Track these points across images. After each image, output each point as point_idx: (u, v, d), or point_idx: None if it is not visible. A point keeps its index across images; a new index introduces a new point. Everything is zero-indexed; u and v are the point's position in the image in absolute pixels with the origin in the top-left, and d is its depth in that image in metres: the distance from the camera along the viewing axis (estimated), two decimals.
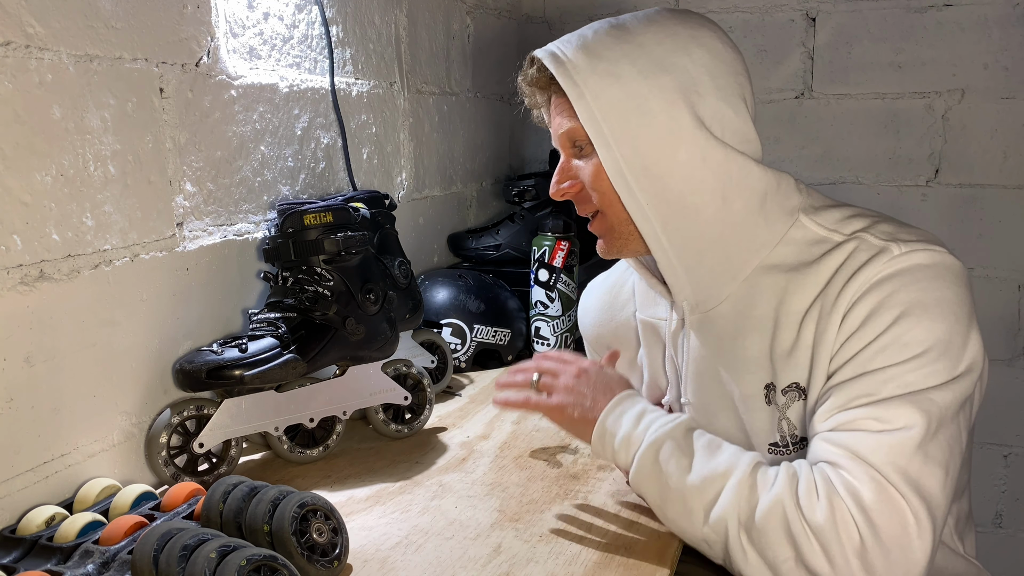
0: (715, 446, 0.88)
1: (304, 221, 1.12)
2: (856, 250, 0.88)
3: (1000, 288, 1.94)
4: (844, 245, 0.89)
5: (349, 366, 1.17)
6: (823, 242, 0.91)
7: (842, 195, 2.00)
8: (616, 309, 1.15)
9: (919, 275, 0.84)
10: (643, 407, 0.93)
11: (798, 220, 0.93)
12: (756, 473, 0.84)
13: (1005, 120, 1.87)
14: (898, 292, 0.83)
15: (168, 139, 1.06)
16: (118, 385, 1.01)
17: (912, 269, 0.84)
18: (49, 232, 0.91)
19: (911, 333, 0.81)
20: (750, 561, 0.81)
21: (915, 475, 0.77)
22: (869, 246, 0.88)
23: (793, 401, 0.91)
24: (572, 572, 0.85)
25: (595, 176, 0.93)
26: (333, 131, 1.41)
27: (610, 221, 0.96)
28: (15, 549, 0.82)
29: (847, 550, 0.77)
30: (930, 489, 0.78)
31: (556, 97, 0.95)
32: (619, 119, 0.89)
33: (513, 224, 1.82)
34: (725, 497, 0.83)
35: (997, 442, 2.00)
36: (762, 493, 0.82)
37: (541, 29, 2.20)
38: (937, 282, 0.84)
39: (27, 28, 0.87)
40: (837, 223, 0.92)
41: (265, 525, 0.80)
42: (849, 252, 0.88)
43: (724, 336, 0.95)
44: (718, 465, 0.85)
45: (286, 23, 1.28)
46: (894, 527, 0.76)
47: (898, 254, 0.85)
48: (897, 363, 0.81)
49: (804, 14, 1.98)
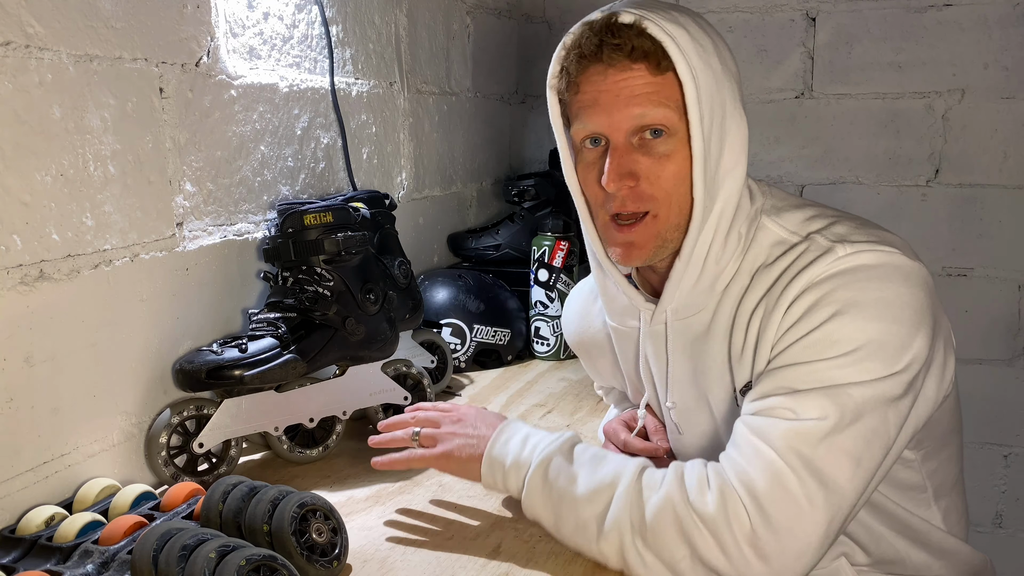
0: (599, 457, 0.86)
1: (304, 221, 1.12)
2: (805, 251, 0.86)
3: (1000, 288, 1.94)
4: (797, 246, 0.88)
5: (349, 366, 1.17)
6: (781, 243, 0.89)
7: (842, 195, 2.01)
8: (593, 315, 1.13)
9: (861, 275, 0.83)
10: (527, 431, 0.91)
11: (760, 222, 0.91)
12: (642, 477, 0.83)
13: (1005, 120, 1.87)
14: (836, 290, 0.82)
15: (168, 139, 1.06)
16: (118, 385, 1.01)
17: (855, 269, 0.83)
18: (49, 232, 0.91)
19: (842, 331, 0.80)
20: (648, 565, 0.79)
21: (817, 462, 0.77)
22: (817, 247, 0.86)
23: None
24: (571, 572, 0.85)
25: (672, 173, 0.85)
26: (333, 131, 1.41)
27: (660, 225, 0.88)
28: (15, 549, 0.82)
29: (738, 537, 0.76)
30: (832, 476, 0.77)
31: (645, 73, 0.84)
32: (708, 113, 0.83)
33: (513, 224, 1.82)
34: (615, 505, 0.81)
35: (997, 442, 2.00)
36: (650, 495, 0.80)
37: (541, 29, 2.20)
38: (879, 283, 0.82)
39: (27, 28, 0.87)
40: (797, 224, 0.90)
41: (265, 525, 0.80)
42: (799, 253, 0.87)
43: (697, 342, 0.94)
44: (605, 475, 0.83)
45: (286, 23, 1.28)
46: (785, 510, 0.76)
47: (843, 255, 0.84)
48: (822, 359, 0.80)
49: (804, 14, 1.98)
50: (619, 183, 0.86)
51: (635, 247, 0.89)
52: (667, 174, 0.85)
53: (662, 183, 0.86)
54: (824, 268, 0.84)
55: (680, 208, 0.87)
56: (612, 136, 0.86)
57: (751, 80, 2.01)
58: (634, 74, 0.84)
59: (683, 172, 0.85)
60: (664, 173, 0.85)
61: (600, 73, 0.86)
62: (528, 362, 1.61)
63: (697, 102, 0.82)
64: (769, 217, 0.91)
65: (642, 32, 0.83)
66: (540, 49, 2.23)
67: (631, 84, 0.84)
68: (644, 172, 0.86)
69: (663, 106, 0.84)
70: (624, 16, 0.84)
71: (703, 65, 0.83)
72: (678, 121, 0.84)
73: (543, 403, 1.37)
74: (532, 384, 1.47)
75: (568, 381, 1.49)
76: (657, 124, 0.84)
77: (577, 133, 0.90)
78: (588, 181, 0.91)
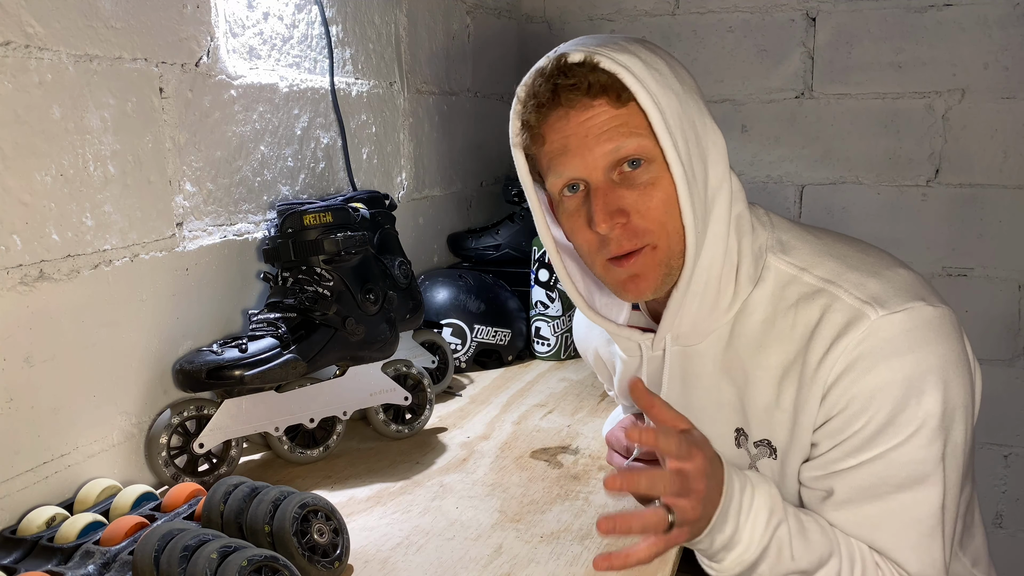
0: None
1: (304, 221, 1.12)
2: (830, 309, 0.84)
3: (1000, 288, 1.94)
4: (817, 298, 0.85)
5: (349, 366, 1.17)
6: (795, 282, 0.87)
7: (842, 195, 2.01)
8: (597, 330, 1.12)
9: (900, 345, 0.81)
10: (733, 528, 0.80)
11: (767, 261, 0.89)
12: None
13: (1005, 120, 1.87)
14: (880, 370, 0.81)
15: (168, 139, 1.06)
16: (118, 385, 1.01)
17: (893, 339, 0.81)
18: (49, 232, 0.90)
19: (904, 414, 0.80)
20: None
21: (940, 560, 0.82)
22: (844, 306, 0.83)
23: (763, 456, 0.90)
24: (573, 573, 0.85)
25: (659, 202, 0.82)
26: (333, 131, 1.41)
27: (661, 255, 0.84)
28: (16, 550, 0.82)
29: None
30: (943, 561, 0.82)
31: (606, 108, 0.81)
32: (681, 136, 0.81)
33: (513, 224, 1.82)
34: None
35: (997, 442, 2.00)
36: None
37: (541, 29, 2.20)
38: (919, 350, 0.81)
39: (27, 28, 0.87)
40: (807, 261, 0.88)
41: (266, 526, 0.80)
42: (823, 309, 0.84)
43: (701, 375, 0.93)
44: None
45: (286, 23, 1.28)
46: None
47: (875, 319, 0.81)
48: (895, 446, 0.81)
49: (804, 14, 1.98)
50: (610, 222, 0.82)
51: (640, 278, 0.86)
52: (655, 203, 0.82)
53: (652, 213, 0.83)
54: (859, 338, 0.81)
55: (677, 235, 0.84)
56: (591, 177, 0.83)
57: (751, 80, 2.02)
58: (596, 111, 0.82)
59: (671, 198, 0.82)
60: (652, 203, 0.82)
61: (562, 118, 0.83)
62: (528, 362, 1.60)
63: (666, 127, 0.80)
64: (775, 255, 0.89)
65: (595, 67, 0.81)
66: (540, 49, 2.22)
67: (596, 121, 0.82)
68: (632, 206, 0.83)
69: (635, 136, 0.81)
70: (574, 55, 0.82)
71: (663, 89, 0.81)
72: (653, 148, 0.82)
73: (544, 403, 1.37)
74: (533, 384, 1.47)
75: (569, 381, 1.49)
76: (633, 154, 0.82)
77: (554, 185, 0.86)
78: (575, 230, 0.87)
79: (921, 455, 0.81)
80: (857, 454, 0.83)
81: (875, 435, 0.81)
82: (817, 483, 0.86)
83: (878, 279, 0.85)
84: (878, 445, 0.81)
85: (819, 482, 0.86)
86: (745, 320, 0.89)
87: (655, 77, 0.81)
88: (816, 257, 0.88)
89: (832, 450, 0.84)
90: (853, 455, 0.83)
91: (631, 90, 0.80)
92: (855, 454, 0.83)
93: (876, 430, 0.81)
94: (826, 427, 0.84)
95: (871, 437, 0.82)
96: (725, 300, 0.89)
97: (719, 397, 0.92)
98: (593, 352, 1.16)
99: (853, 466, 0.83)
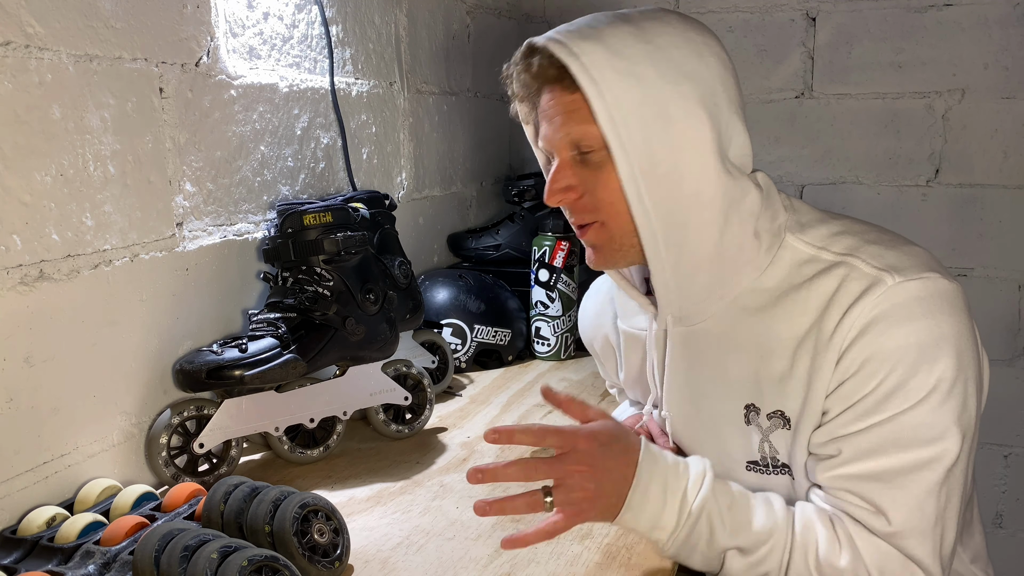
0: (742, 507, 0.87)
1: (304, 221, 1.12)
2: (847, 278, 0.85)
3: (1000, 288, 1.94)
4: (835, 269, 0.86)
5: (349, 366, 1.17)
6: (813, 261, 0.88)
7: (842, 195, 2.01)
8: (606, 316, 1.13)
9: (915, 310, 0.82)
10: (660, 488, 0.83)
11: (785, 240, 0.90)
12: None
13: (1005, 120, 1.87)
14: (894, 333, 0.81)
15: (168, 139, 1.06)
16: (118, 385, 1.01)
17: (908, 304, 0.82)
18: (49, 232, 0.90)
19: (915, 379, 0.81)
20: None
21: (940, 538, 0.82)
22: (861, 275, 0.84)
23: (777, 428, 0.89)
24: (573, 573, 0.85)
25: (605, 184, 0.86)
26: (333, 131, 1.41)
27: (611, 232, 0.89)
28: (16, 550, 0.82)
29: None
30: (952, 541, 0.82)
31: (560, 94, 0.87)
32: (639, 124, 0.83)
33: (513, 224, 1.82)
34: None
35: (997, 442, 2.00)
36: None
37: (541, 29, 2.19)
38: (934, 317, 0.82)
39: (27, 28, 0.87)
40: (825, 240, 0.89)
41: (266, 526, 0.80)
42: (841, 279, 0.85)
43: (706, 353, 0.93)
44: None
45: (286, 23, 1.28)
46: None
47: (892, 285, 0.83)
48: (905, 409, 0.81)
49: (804, 14, 1.98)
50: (556, 197, 0.89)
51: (595, 250, 0.92)
52: (602, 185, 0.87)
53: (599, 193, 0.87)
54: (875, 303, 0.82)
55: (627, 216, 0.86)
56: (557, 154, 0.89)
57: (751, 80, 2.01)
58: (554, 96, 0.88)
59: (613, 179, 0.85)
60: (599, 184, 0.87)
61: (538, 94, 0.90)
62: (528, 362, 1.61)
63: (608, 114, 0.82)
64: (793, 234, 0.90)
65: (550, 55, 0.85)
66: None
67: (555, 104, 0.88)
68: (582, 184, 0.88)
69: (584, 123, 0.85)
70: (539, 40, 0.87)
71: (620, 77, 0.82)
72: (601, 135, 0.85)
73: (544, 403, 1.37)
74: (533, 384, 1.47)
75: (569, 381, 1.49)
76: (578, 140, 0.86)
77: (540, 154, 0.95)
78: None
79: (930, 419, 0.80)
80: (867, 417, 0.82)
81: (886, 398, 0.81)
82: (824, 448, 0.85)
83: (896, 251, 0.87)
84: (888, 408, 0.81)
85: (826, 447, 0.85)
86: (757, 297, 0.90)
87: (615, 64, 0.83)
88: (834, 236, 0.90)
89: (842, 414, 0.84)
90: (863, 418, 0.82)
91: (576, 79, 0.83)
92: (864, 417, 0.82)
93: (887, 393, 0.81)
94: (839, 391, 0.84)
95: (882, 400, 0.81)
96: (728, 281, 0.89)
97: (727, 374, 0.92)
98: (602, 338, 1.16)
99: (862, 429, 0.82)
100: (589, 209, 0.89)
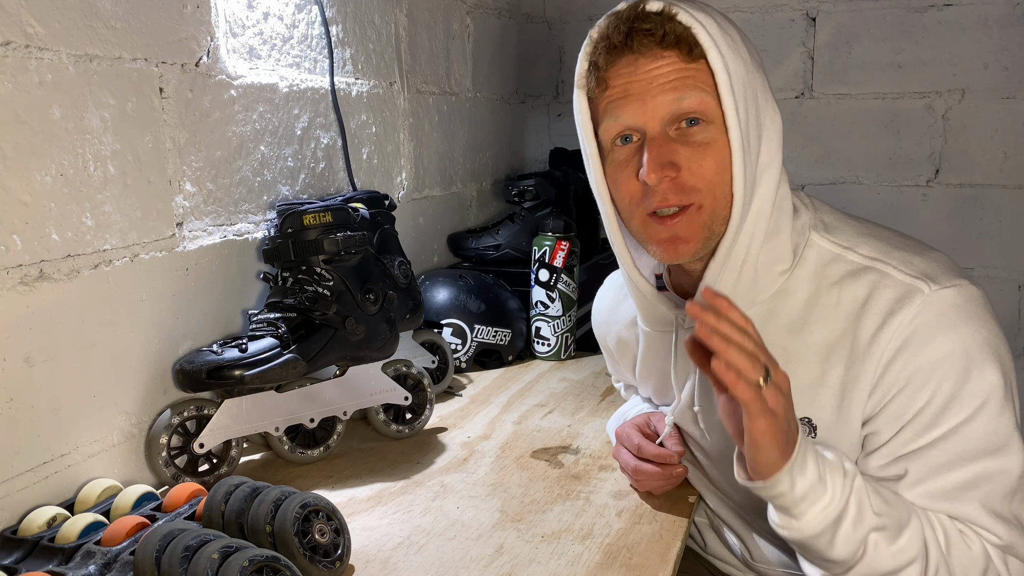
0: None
1: (304, 221, 1.12)
2: (880, 285, 0.83)
3: (1000, 288, 1.94)
4: (864, 275, 0.85)
5: (349, 366, 1.17)
6: (838, 260, 0.87)
7: (842, 195, 2.01)
8: (622, 312, 1.11)
9: (954, 318, 0.81)
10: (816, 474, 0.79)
11: (810, 239, 0.89)
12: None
13: (1005, 120, 1.87)
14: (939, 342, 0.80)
15: (168, 139, 1.06)
16: (118, 385, 1.01)
17: (947, 312, 0.81)
18: (49, 232, 0.90)
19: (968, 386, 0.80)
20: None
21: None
22: (894, 282, 0.83)
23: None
24: (574, 572, 0.85)
25: (713, 162, 0.81)
26: (333, 131, 1.41)
27: (704, 216, 0.83)
28: (17, 550, 0.82)
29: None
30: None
31: (676, 60, 0.81)
32: (743, 103, 0.81)
33: (513, 224, 1.82)
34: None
35: None
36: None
37: (541, 29, 2.20)
38: (973, 323, 0.81)
39: (27, 28, 0.87)
40: (851, 240, 0.88)
41: (267, 526, 0.80)
42: (872, 285, 0.84)
43: None
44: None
45: (286, 23, 1.28)
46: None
47: (929, 293, 0.81)
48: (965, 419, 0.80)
49: (804, 14, 1.98)
50: (659, 173, 0.81)
51: (680, 241, 0.84)
52: (708, 163, 0.82)
53: (704, 172, 0.82)
54: (914, 313, 0.81)
55: (724, 200, 0.83)
56: (648, 126, 0.83)
57: None
58: (666, 62, 0.81)
59: (724, 162, 0.82)
60: (705, 162, 0.82)
61: (631, 64, 0.82)
62: (529, 362, 1.60)
63: (731, 90, 0.80)
64: (819, 233, 0.89)
65: (672, 18, 0.81)
66: (540, 49, 2.23)
67: (664, 71, 0.81)
68: (685, 162, 0.82)
69: (699, 90, 0.81)
70: (652, 4, 0.82)
71: (733, 54, 0.81)
72: (715, 108, 0.81)
73: (544, 403, 1.37)
74: (533, 384, 1.47)
75: (569, 381, 1.49)
76: (694, 110, 0.81)
77: (608, 131, 0.85)
78: (620, 180, 0.86)
79: (993, 426, 0.79)
80: (927, 432, 0.80)
81: (943, 409, 0.80)
82: (887, 470, 0.83)
83: (922, 258, 0.86)
84: (948, 420, 0.80)
85: (889, 468, 0.83)
86: (786, 299, 0.88)
87: (727, 41, 0.81)
88: (859, 237, 0.88)
89: (899, 433, 0.82)
90: (923, 433, 0.81)
91: (703, 46, 0.80)
92: (925, 432, 0.81)
93: (943, 404, 0.80)
94: (887, 410, 0.82)
95: (939, 412, 0.80)
96: (765, 279, 0.88)
97: None
98: (615, 336, 1.14)
99: (926, 444, 0.81)
100: (688, 189, 0.82)
